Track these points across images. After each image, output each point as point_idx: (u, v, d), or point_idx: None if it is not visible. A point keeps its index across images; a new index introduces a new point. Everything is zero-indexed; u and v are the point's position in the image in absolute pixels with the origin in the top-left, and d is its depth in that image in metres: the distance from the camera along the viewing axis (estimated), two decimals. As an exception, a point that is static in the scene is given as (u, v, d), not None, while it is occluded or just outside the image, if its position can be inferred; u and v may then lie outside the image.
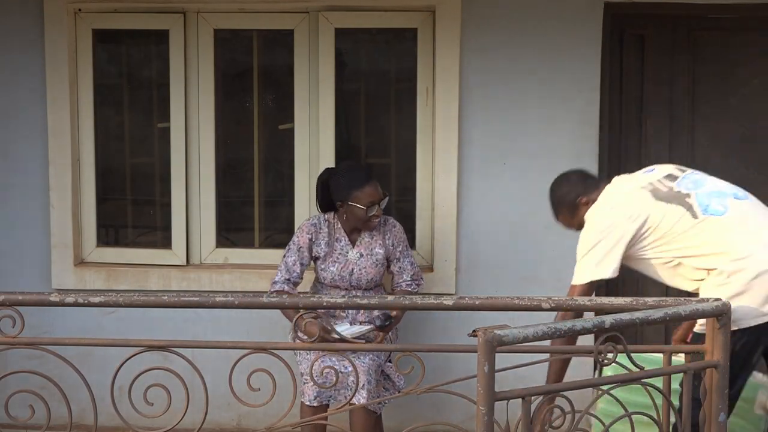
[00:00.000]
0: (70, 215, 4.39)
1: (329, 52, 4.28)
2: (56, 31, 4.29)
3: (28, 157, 4.40)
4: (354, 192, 3.69)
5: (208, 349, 3.42)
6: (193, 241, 4.44)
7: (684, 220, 3.04)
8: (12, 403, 2.54)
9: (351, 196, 3.69)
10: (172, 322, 4.23)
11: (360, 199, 3.68)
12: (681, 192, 3.11)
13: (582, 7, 4.15)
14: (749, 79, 4.31)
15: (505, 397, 2.02)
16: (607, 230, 3.09)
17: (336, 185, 3.75)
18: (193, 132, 4.39)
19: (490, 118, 4.23)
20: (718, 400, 2.28)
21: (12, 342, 2.49)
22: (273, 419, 2.89)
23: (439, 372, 3.63)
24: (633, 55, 4.33)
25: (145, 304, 2.48)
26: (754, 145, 4.33)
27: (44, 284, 4.37)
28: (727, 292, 2.84)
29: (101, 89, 4.46)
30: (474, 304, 2.56)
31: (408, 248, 3.90)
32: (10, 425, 2.66)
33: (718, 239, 2.98)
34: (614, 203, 3.17)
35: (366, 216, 3.69)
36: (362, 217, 3.70)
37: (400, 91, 4.47)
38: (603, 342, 2.16)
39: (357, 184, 3.70)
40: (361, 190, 3.69)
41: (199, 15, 4.34)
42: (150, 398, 2.47)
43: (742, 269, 2.90)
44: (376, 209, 3.69)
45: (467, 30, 4.18)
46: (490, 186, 4.26)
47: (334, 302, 2.58)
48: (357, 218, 3.72)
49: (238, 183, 4.60)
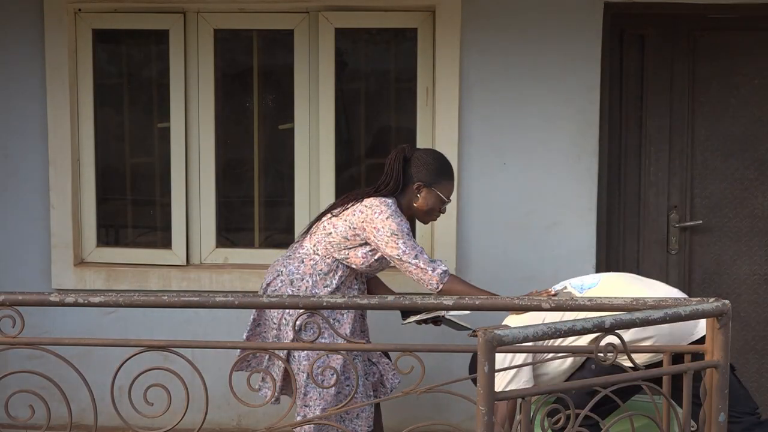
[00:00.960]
0: (70, 215, 4.39)
1: (329, 52, 4.28)
2: (56, 31, 4.29)
3: (28, 157, 4.40)
4: (443, 180, 3.43)
5: (208, 349, 3.43)
6: (193, 241, 4.44)
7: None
8: (12, 403, 2.53)
9: (439, 183, 3.42)
10: (172, 322, 4.23)
11: (446, 190, 3.44)
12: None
13: (582, 7, 4.15)
14: (749, 79, 4.31)
15: (505, 397, 2.02)
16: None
17: (425, 165, 3.41)
18: (193, 132, 4.39)
19: (489, 118, 4.23)
20: (718, 400, 2.28)
21: (12, 342, 2.49)
22: (273, 419, 2.89)
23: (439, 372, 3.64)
24: (633, 55, 4.33)
25: (145, 304, 2.48)
26: (754, 145, 4.33)
27: (44, 284, 4.37)
28: None
29: (101, 89, 4.46)
30: (474, 304, 2.56)
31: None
32: (10, 425, 2.66)
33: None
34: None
35: (441, 208, 3.47)
36: (436, 208, 3.44)
37: (400, 91, 4.47)
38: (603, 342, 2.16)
39: (448, 173, 3.46)
40: (451, 182, 3.47)
41: (199, 15, 4.34)
42: (150, 398, 2.47)
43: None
44: (446, 207, 3.53)
45: (467, 30, 4.18)
46: (490, 186, 4.26)
47: (334, 302, 2.57)
48: (430, 207, 3.43)
49: (238, 183, 4.60)
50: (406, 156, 3.44)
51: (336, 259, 3.38)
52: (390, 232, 3.27)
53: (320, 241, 3.39)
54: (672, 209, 4.33)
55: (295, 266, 3.40)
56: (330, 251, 3.37)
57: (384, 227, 3.28)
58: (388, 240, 3.28)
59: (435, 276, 3.28)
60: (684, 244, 4.35)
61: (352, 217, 3.34)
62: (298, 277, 3.37)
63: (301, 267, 3.38)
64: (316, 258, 3.38)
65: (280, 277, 3.40)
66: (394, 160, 3.42)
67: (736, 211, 4.36)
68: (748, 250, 4.38)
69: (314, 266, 3.38)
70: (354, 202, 3.38)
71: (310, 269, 3.38)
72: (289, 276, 3.38)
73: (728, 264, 4.36)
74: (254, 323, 3.44)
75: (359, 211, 3.34)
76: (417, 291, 3.67)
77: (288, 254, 3.48)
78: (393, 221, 3.28)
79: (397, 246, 3.27)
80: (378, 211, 3.30)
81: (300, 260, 3.40)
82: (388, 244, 3.28)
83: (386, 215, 3.29)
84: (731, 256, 4.37)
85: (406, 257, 3.27)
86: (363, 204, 3.34)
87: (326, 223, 3.40)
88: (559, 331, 2.01)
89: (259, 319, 3.45)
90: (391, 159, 3.43)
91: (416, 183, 3.40)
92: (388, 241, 3.28)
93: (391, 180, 3.40)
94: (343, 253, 3.36)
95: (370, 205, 3.32)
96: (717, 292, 4.28)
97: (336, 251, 3.37)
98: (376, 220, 3.29)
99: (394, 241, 3.27)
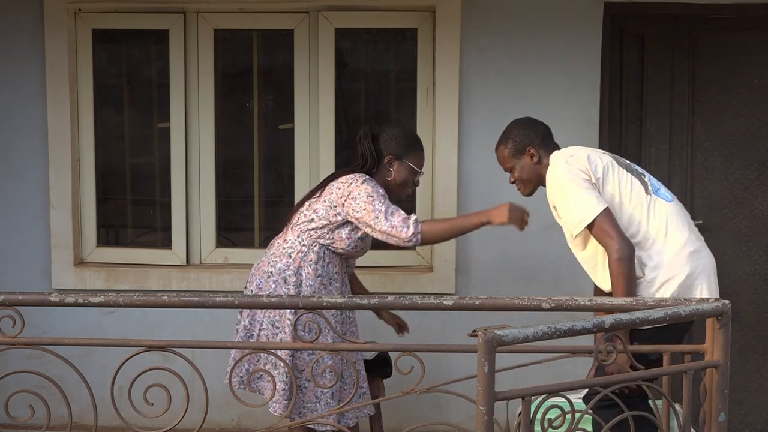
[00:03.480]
0: (70, 215, 4.39)
1: (329, 52, 4.28)
2: (56, 31, 4.29)
3: (28, 157, 4.40)
4: (413, 151, 3.47)
5: (208, 349, 3.43)
6: (193, 241, 4.44)
7: (639, 192, 3.07)
8: (12, 403, 2.53)
9: (409, 155, 3.46)
10: (172, 322, 4.23)
11: (416, 160, 3.48)
12: (637, 170, 3.18)
13: (582, 7, 4.16)
14: (749, 79, 4.31)
15: (505, 397, 2.02)
16: (576, 174, 3.06)
17: (393, 138, 3.45)
18: (193, 132, 4.39)
19: (489, 118, 4.23)
20: (718, 400, 2.28)
21: (12, 342, 2.48)
22: (273, 419, 2.89)
23: (439, 372, 3.64)
24: (633, 55, 4.33)
25: (145, 304, 2.48)
26: (754, 145, 4.33)
27: (44, 284, 4.38)
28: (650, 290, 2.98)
29: (101, 89, 4.46)
30: (474, 304, 2.56)
31: None
32: (10, 425, 2.66)
33: (662, 224, 3.02)
34: (573, 156, 3.13)
35: (414, 179, 3.51)
36: (409, 180, 3.48)
37: (400, 91, 4.47)
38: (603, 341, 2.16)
39: (417, 144, 3.50)
40: (420, 152, 3.50)
41: (199, 15, 4.34)
42: (150, 398, 2.47)
43: (662, 276, 2.99)
44: (419, 179, 3.56)
45: (467, 30, 4.18)
46: (490, 186, 4.26)
47: (334, 302, 2.57)
48: (403, 179, 3.46)
49: (238, 183, 4.60)
50: (374, 133, 3.47)
51: (322, 245, 3.37)
52: (366, 195, 3.29)
53: (303, 231, 3.38)
54: (672, 209, 4.32)
55: (284, 263, 3.36)
56: (315, 238, 3.36)
57: (360, 193, 3.30)
58: (364, 205, 3.28)
59: (410, 231, 3.26)
60: (684, 244, 4.35)
61: (330, 196, 3.36)
62: (291, 273, 3.34)
63: (290, 262, 3.35)
64: (304, 249, 3.36)
65: (272, 277, 3.37)
66: (363, 138, 3.46)
67: (736, 211, 4.36)
68: (748, 250, 4.38)
69: (303, 258, 3.35)
70: (331, 182, 3.41)
71: (299, 261, 3.35)
72: (281, 274, 3.35)
73: (728, 264, 4.35)
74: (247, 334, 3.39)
75: (336, 188, 3.36)
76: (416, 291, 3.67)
77: (271, 252, 3.44)
78: (368, 185, 3.32)
79: (374, 208, 3.27)
80: (353, 181, 3.33)
81: (287, 255, 3.37)
82: (366, 208, 3.28)
83: (361, 182, 3.33)
84: (731, 256, 4.37)
85: (381, 216, 3.26)
86: (339, 181, 3.37)
87: (306, 212, 3.40)
88: (559, 331, 2.01)
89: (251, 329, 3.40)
90: (360, 138, 3.47)
91: (387, 157, 3.43)
92: (365, 206, 3.28)
93: (365, 159, 3.43)
94: (327, 238, 3.36)
95: (345, 180, 3.36)
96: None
97: (321, 237, 3.36)
98: (352, 188, 3.31)
99: (370, 203, 3.27)
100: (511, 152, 3.33)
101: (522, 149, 3.29)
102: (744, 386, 4.40)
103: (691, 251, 3.01)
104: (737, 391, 4.34)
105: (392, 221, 3.26)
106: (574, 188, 3.04)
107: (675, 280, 2.98)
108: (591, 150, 3.21)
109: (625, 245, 2.94)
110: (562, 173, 3.09)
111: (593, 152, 3.18)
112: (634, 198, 3.05)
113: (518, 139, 3.30)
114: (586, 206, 3.00)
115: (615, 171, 3.09)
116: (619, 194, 3.06)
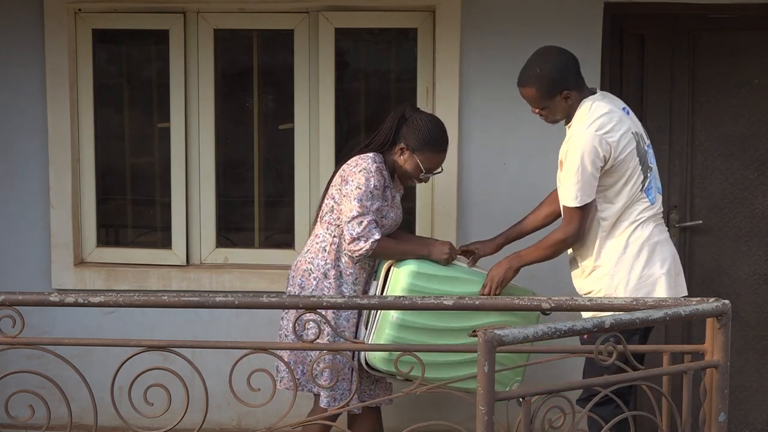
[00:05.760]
0: (70, 215, 4.39)
1: (329, 52, 4.28)
2: (56, 31, 4.29)
3: (28, 157, 4.40)
4: (428, 150, 3.39)
5: (208, 349, 3.43)
6: (193, 241, 4.44)
7: (636, 187, 3.15)
8: (12, 403, 2.54)
9: (422, 152, 3.38)
10: (172, 322, 4.23)
11: (427, 161, 3.39)
12: (648, 162, 3.20)
13: (582, 7, 4.15)
14: (749, 79, 4.31)
15: (505, 397, 2.02)
16: (593, 161, 3.07)
17: (416, 129, 3.38)
18: (193, 132, 4.39)
19: (489, 118, 4.23)
20: (718, 400, 2.28)
21: (12, 342, 2.49)
22: (273, 419, 2.89)
23: (439, 372, 3.62)
24: (633, 55, 4.33)
25: (145, 304, 2.48)
26: (754, 145, 4.33)
27: (44, 284, 4.37)
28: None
29: (101, 89, 4.46)
30: (474, 304, 2.56)
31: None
32: (10, 425, 2.66)
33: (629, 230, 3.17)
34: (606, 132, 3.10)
35: (417, 177, 3.44)
36: (414, 175, 3.42)
37: (400, 91, 4.47)
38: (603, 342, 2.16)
39: (436, 145, 3.41)
40: (435, 154, 3.41)
41: (199, 15, 4.34)
42: (150, 398, 2.47)
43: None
44: (428, 176, 3.49)
45: (467, 30, 4.18)
46: (490, 186, 4.26)
47: (334, 302, 2.58)
48: (407, 171, 3.42)
49: (238, 183, 4.60)
50: (405, 115, 3.44)
51: None
52: (355, 185, 3.28)
53: (330, 222, 3.39)
54: (672, 209, 4.32)
55: (321, 258, 3.38)
56: (341, 226, 3.36)
57: (353, 180, 3.30)
58: (350, 192, 3.28)
59: (363, 248, 3.24)
60: (684, 244, 4.35)
61: (338, 179, 3.38)
62: (330, 266, 3.36)
63: (326, 256, 3.37)
64: (336, 240, 3.37)
65: (312, 274, 3.38)
66: (392, 117, 3.43)
67: (736, 211, 4.36)
68: (748, 250, 4.38)
69: (338, 250, 3.37)
70: (342, 163, 3.42)
71: (335, 254, 3.37)
72: (321, 269, 3.37)
73: (728, 264, 4.35)
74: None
75: (342, 170, 3.38)
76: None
77: (306, 250, 3.46)
78: (363, 176, 3.28)
79: (351, 204, 3.26)
80: (354, 164, 3.33)
81: (322, 249, 3.38)
82: (348, 196, 3.28)
83: (360, 168, 3.30)
84: (731, 256, 4.37)
85: (352, 215, 3.25)
86: (347, 164, 3.38)
87: (327, 201, 3.42)
88: (559, 331, 2.01)
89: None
90: (391, 116, 3.44)
91: (401, 144, 3.40)
92: (348, 194, 3.28)
93: (382, 136, 3.41)
94: None
95: (350, 162, 3.36)
96: (717, 292, 4.28)
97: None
98: (348, 173, 3.32)
99: (356, 194, 3.26)
100: (543, 94, 3.15)
101: (556, 91, 3.13)
102: (744, 386, 4.40)
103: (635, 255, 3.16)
104: (737, 391, 4.34)
105: (355, 228, 3.25)
106: (581, 172, 3.09)
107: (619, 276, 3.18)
108: (625, 121, 3.15)
109: (574, 238, 3.16)
110: (584, 147, 3.07)
111: (626, 129, 3.11)
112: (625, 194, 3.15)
113: (552, 80, 3.12)
114: (576, 194, 3.11)
115: (632, 162, 3.12)
116: (620, 184, 3.14)
